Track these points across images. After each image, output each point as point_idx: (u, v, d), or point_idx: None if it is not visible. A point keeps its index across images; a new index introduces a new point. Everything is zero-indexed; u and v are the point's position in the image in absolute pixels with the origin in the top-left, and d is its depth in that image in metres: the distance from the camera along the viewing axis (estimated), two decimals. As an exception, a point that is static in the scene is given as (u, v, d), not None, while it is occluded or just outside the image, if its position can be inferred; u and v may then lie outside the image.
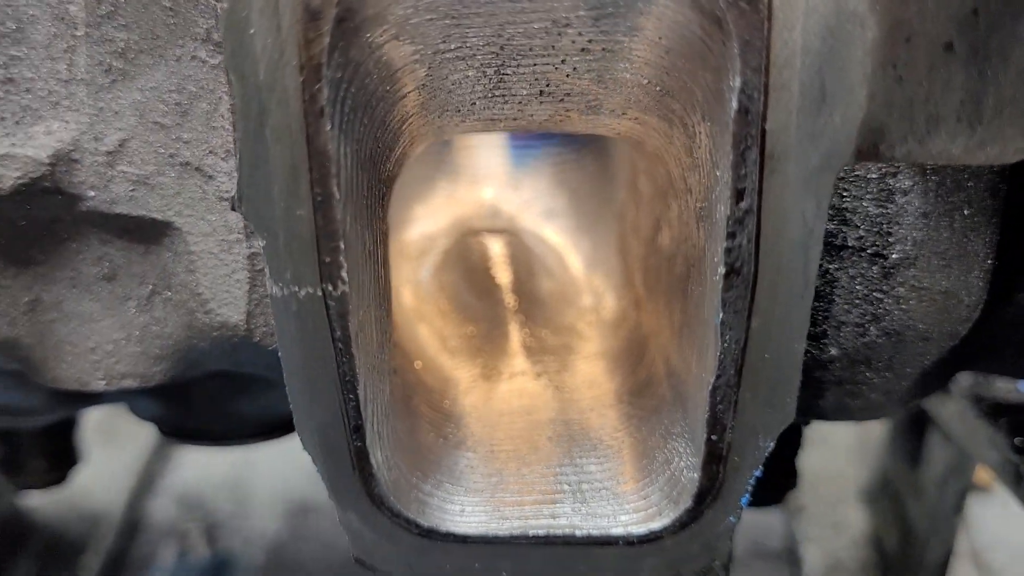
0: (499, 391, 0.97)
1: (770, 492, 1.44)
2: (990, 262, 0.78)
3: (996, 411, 1.43)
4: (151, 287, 0.82)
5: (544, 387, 0.97)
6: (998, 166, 0.74)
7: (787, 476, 1.42)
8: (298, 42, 0.54)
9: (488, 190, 1.22)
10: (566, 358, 1.02)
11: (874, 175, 0.76)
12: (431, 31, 0.61)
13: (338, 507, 0.72)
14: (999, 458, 1.39)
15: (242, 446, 1.28)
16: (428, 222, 1.19)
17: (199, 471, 2.80)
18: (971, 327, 0.81)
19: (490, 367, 1.01)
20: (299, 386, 0.67)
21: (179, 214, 0.77)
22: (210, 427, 1.22)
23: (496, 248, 1.21)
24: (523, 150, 1.22)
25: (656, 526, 0.72)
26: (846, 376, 0.85)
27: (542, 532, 0.74)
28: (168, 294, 0.81)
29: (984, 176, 0.75)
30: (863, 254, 0.78)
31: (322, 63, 0.54)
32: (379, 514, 0.72)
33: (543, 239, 1.19)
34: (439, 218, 1.20)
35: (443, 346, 1.05)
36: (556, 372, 1.00)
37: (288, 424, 0.70)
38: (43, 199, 0.74)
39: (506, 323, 1.10)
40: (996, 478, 1.55)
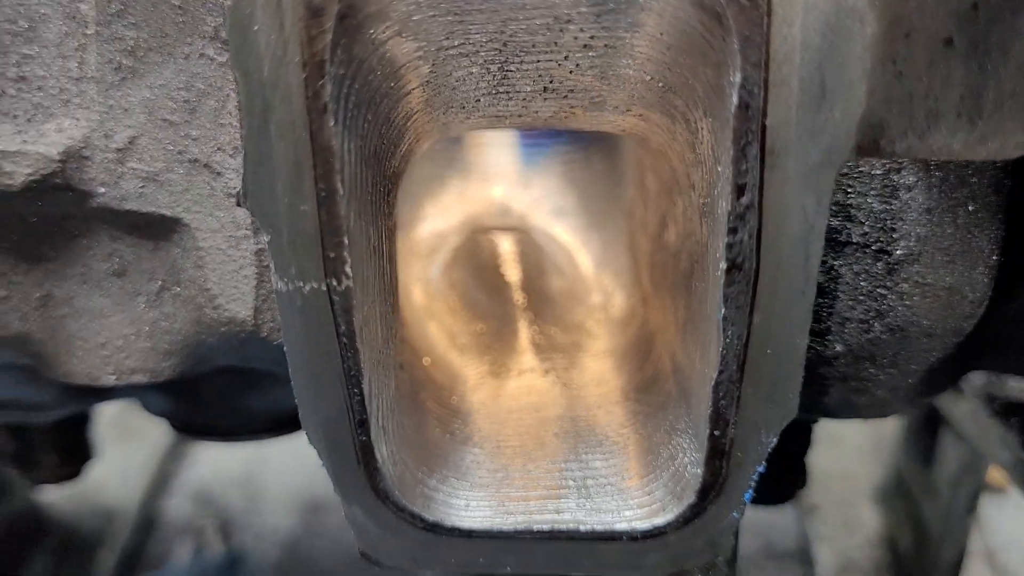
0: (507, 388, 0.97)
1: (779, 490, 1.45)
2: (994, 258, 0.77)
3: (1008, 410, 1.41)
4: (160, 283, 0.82)
5: (552, 384, 0.97)
6: (1002, 162, 0.74)
7: (796, 474, 1.42)
8: (301, 39, 0.54)
9: (498, 188, 1.22)
10: (574, 355, 1.02)
11: (878, 171, 0.76)
12: (434, 27, 0.61)
13: (343, 501, 0.72)
14: (1011, 458, 1.38)
15: (253, 442, 1.29)
16: (438, 220, 1.19)
17: (213, 468, 2.81)
18: (976, 324, 0.80)
19: (499, 364, 1.01)
20: (304, 381, 0.67)
21: (188, 210, 0.77)
22: (219, 422, 1.22)
23: (506, 246, 1.21)
24: (533, 148, 1.22)
25: (660, 521, 0.72)
26: (851, 372, 0.85)
27: (546, 527, 0.74)
28: (177, 290, 0.82)
29: (988, 172, 0.74)
30: (867, 250, 0.78)
31: (325, 60, 0.54)
32: (384, 508, 0.72)
33: (553, 237, 1.19)
34: (449, 216, 1.20)
35: (452, 343, 1.05)
36: (564, 369, 1.00)
37: (297, 420, 0.70)
38: (54, 196, 0.74)
39: (515, 320, 1.11)
40: (1008, 478, 1.53)
